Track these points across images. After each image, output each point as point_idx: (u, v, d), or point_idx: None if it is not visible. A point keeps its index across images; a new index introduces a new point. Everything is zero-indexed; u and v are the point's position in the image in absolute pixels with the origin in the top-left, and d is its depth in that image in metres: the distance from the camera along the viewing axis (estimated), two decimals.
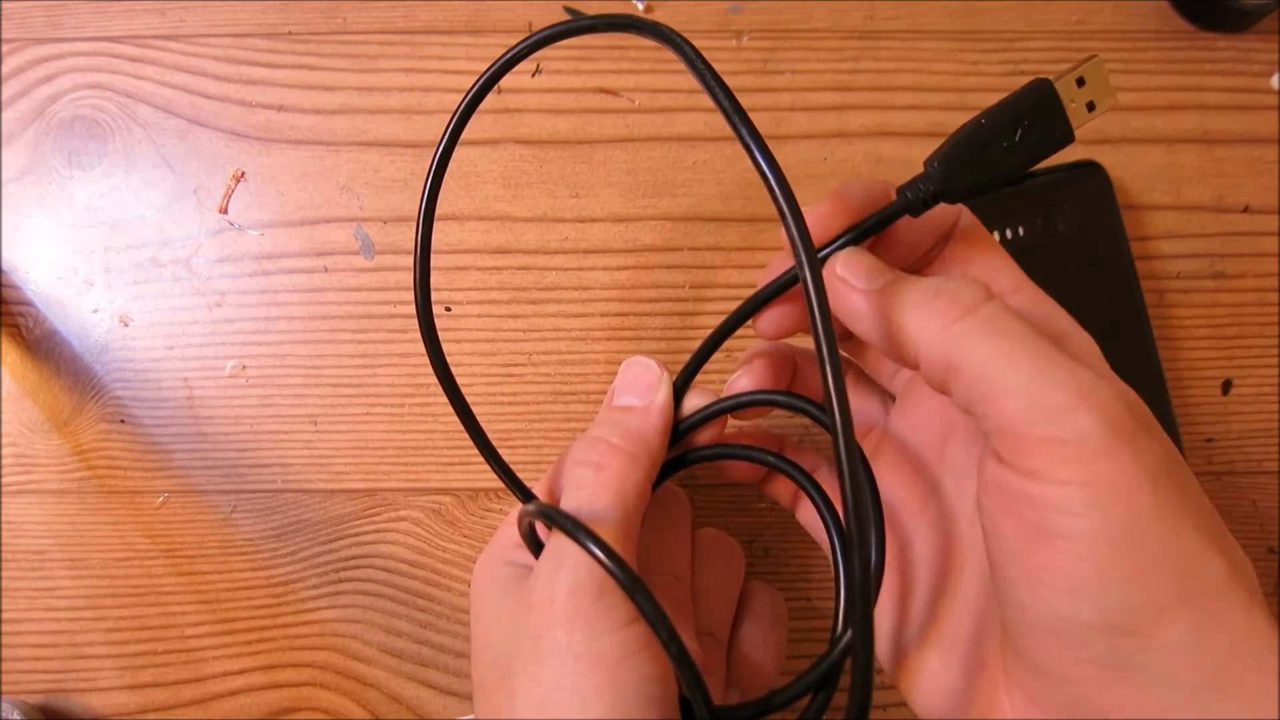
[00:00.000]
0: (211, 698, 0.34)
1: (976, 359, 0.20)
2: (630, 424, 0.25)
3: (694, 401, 0.27)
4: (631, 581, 0.21)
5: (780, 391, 0.26)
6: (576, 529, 0.21)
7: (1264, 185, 0.38)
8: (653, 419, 0.26)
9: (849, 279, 0.23)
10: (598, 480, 0.24)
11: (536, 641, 0.22)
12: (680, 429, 0.27)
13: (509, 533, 0.27)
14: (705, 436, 0.27)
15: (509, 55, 0.25)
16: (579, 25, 0.24)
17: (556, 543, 0.23)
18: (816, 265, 0.20)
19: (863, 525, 0.19)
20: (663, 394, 0.26)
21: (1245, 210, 0.38)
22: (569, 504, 0.24)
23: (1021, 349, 0.20)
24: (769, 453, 0.28)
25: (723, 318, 0.36)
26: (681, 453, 0.28)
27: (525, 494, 0.27)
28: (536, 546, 0.26)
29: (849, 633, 0.23)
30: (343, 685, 0.34)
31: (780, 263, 0.26)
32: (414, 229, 0.37)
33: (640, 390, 0.26)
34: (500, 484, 0.36)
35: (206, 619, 0.35)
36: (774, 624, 0.28)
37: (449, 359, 0.37)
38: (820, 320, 0.20)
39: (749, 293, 0.36)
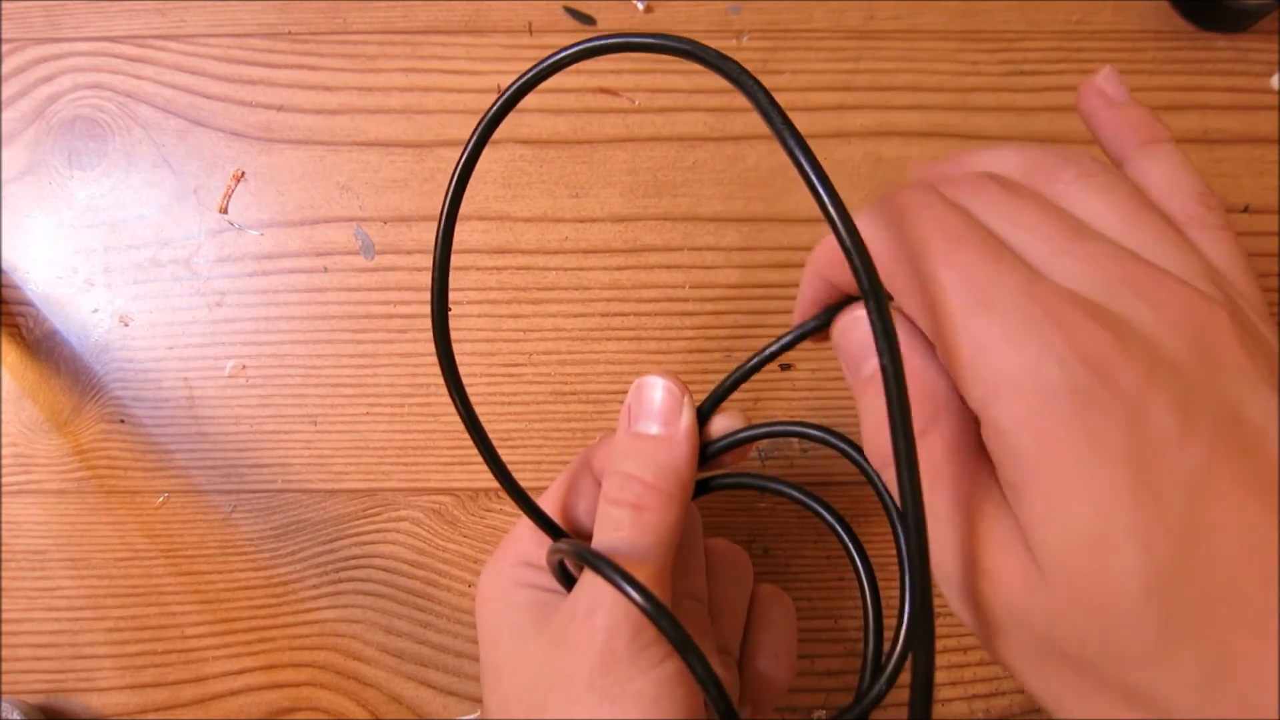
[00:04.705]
0: (211, 698, 0.34)
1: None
2: (661, 459, 0.24)
3: (723, 424, 0.26)
4: (682, 641, 0.21)
5: (814, 425, 0.25)
6: (622, 579, 0.21)
7: (1264, 185, 0.38)
8: (681, 449, 0.25)
9: (841, 354, 0.21)
10: (637, 521, 0.24)
11: (571, 681, 0.22)
12: (708, 452, 0.26)
13: (515, 549, 0.27)
14: (730, 459, 0.26)
15: (551, 61, 0.21)
16: (633, 43, 0.20)
17: (593, 582, 0.23)
18: (895, 341, 0.18)
19: (927, 594, 0.18)
20: (686, 419, 0.25)
21: (1245, 210, 0.38)
22: (606, 543, 0.24)
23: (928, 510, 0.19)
24: (797, 488, 0.27)
25: (722, 318, 0.37)
26: (706, 477, 0.27)
27: (555, 531, 0.26)
28: (565, 578, 0.25)
29: (878, 685, 0.23)
30: (343, 685, 0.34)
31: (812, 290, 0.23)
32: (414, 229, 0.37)
33: (662, 416, 0.25)
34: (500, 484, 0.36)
35: (206, 619, 0.35)
36: (785, 634, 0.28)
37: None
38: (895, 388, 0.17)
39: (749, 292, 0.37)
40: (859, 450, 0.24)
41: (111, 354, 0.36)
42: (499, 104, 0.21)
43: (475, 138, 0.21)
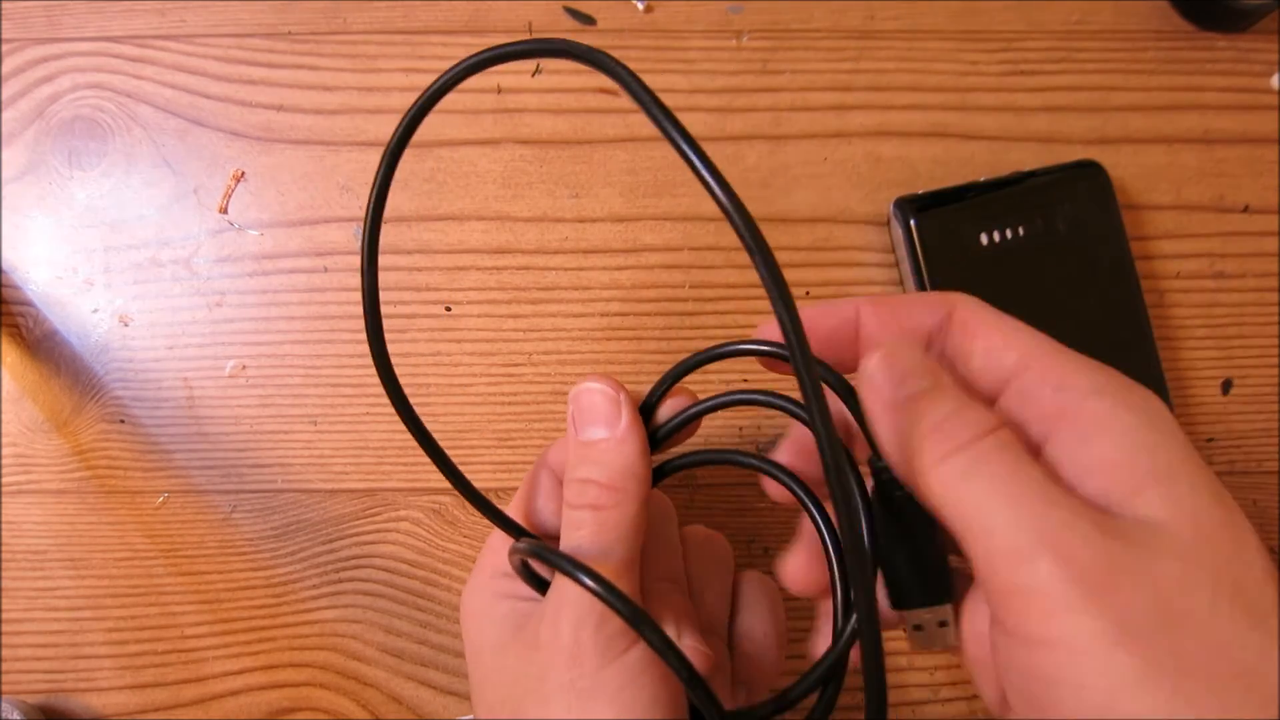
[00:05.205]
0: (211, 698, 0.34)
1: (956, 499, 0.18)
2: (610, 461, 0.25)
3: (671, 406, 0.27)
4: (633, 614, 0.21)
5: (759, 391, 0.26)
6: (574, 567, 0.22)
7: (1264, 185, 0.38)
8: (628, 447, 0.25)
9: (877, 379, 0.21)
10: (597, 519, 0.24)
11: (543, 680, 0.23)
12: (658, 435, 0.26)
13: (491, 561, 0.27)
14: (683, 436, 0.27)
15: (436, 86, 0.23)
16: (509, 52, 0.21)
17: (560, 582, 0.24)
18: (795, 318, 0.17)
19: (852, 518, 0.18)
20: (626, 417, 0.25)
21: (1245, 210, 0.38)
22: (570, 543, 0.24)
23: (1005, 487, 0.18)
24: (751, 455, 0.27)
25: (722, 318, 0.37)
26: (661, 462, 0.28)
27: (518, 532, 0.26)
28: (531, 578, 0.26)
29: (851, 623, 0.23)
30: (343, 685, 0.34)
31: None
32: (414, 229, 0.37)
33: (603, 420, 0.25)
34: (500, 484, 0.36)
35: (206, 619, 0.35)
36: (770, 613, 0.28)
37: (449, 359, 0.37)
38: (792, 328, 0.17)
39: (749, 292, 0.37)
40: (799, 406, 0.25)
41: (111, 354, 0.36)
42: (396, 137, 0.22)
43: (384, 165, 0.22)
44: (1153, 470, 0.18)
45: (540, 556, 0.23)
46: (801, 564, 0.25)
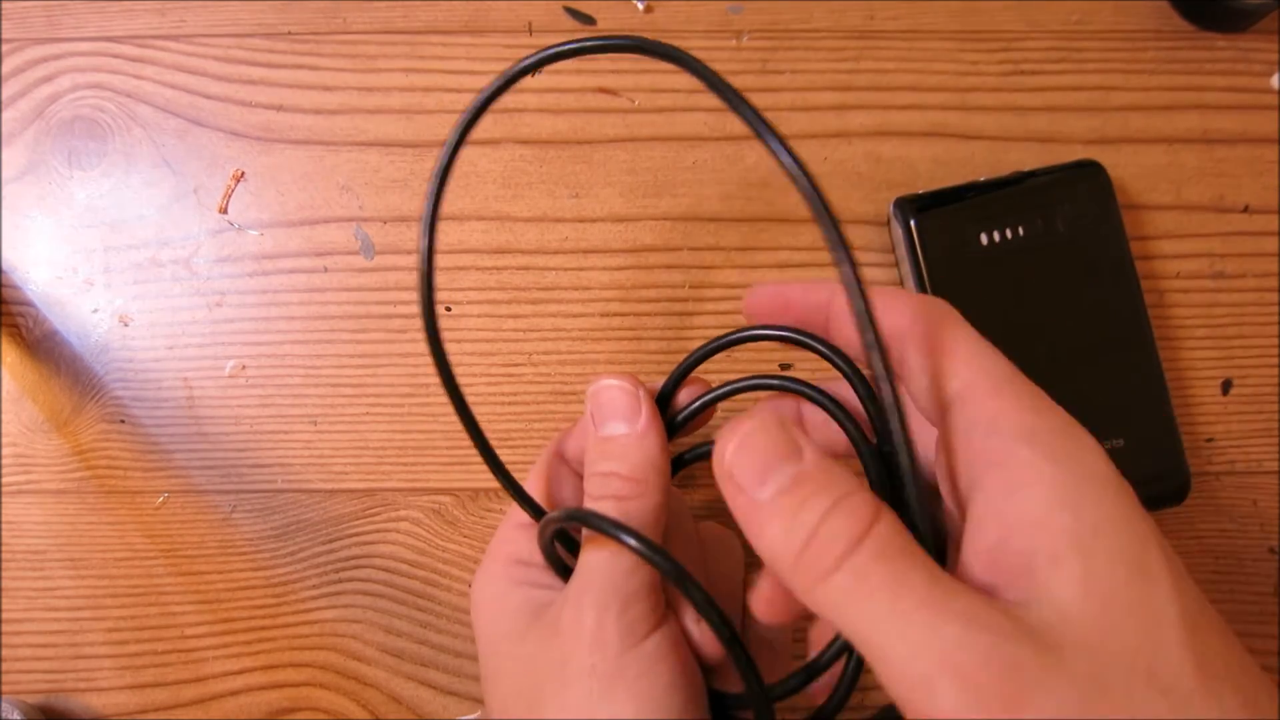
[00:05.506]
0: (211, 698, 0.34)
1: (845, 622, 0.17)
2: (632, 456, 0.25)
3: (687, 394, 0.27)
4: (676, 571, 0.21)
5: (773, 375, 0.26)
6: (616, 527, 0.22)
7: (1264, 185, 0.38)
8: (649, 440, 0.26)
9: (735, 476, 0.19)
10: (620, 510, 0.25)
11: (563, 666, 0.23)
12: (675, 422, 0.27)
13: (505, 550, 0.27)
14: (699, 423, 0.28)
15: (511, 74, 0.23)
16: (588, 46, 0.22)
17: (583, 567, 0.24)
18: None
19: (918, 478, 0.18)
20: (646, 411, 0.26)
21: (1245, 210, 0.38)
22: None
23: (891, 605, 0.16)
24: None
25: (722, 318, 0.37)
26: (675, 454, 0.28)
27: (538, 511, 0.27)
28: (554, 561, 0.26)
29: None
30: (343, 685, 0.34)
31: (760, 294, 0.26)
32: (414, 229, 0.37)
33: (623, 415, 0.26)
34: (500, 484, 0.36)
35: (206, 619, 0.35)
36: None
37: (449, 359, 0.37)
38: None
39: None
40: (820, 392, 0.25)
41: (111, 354, 0.36)
42: (470, 114, 0.23)
43: (453, 143, 0.23)
44: (1073, 536, 0.17)
45: (580, 519, 0.23)
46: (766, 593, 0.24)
